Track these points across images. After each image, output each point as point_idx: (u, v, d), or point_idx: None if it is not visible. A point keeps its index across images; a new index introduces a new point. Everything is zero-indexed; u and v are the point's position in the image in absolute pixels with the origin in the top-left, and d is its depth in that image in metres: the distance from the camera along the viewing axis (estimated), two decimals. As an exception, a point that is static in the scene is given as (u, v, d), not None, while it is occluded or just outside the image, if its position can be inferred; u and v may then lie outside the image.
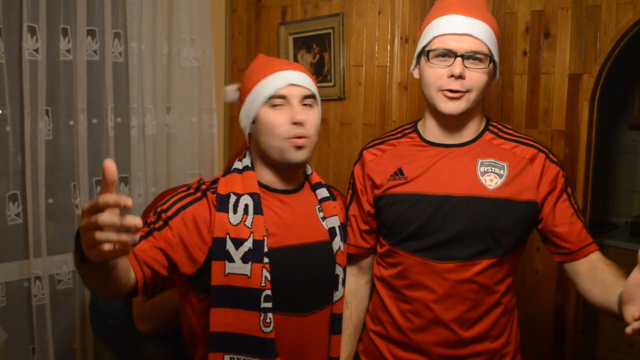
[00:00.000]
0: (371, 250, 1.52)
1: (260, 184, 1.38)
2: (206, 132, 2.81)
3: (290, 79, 1.32)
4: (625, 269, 1.26)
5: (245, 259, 1.27)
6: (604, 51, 2.07)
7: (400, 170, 1.40)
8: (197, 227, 1.29)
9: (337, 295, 1.43)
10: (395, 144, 1.46)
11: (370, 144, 1.52)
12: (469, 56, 1.29)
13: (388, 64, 2.32)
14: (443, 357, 1.36)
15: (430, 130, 1.42)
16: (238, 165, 1.40)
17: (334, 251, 1.42)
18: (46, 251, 2.29)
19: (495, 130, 1.42)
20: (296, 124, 1.30)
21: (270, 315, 1.28)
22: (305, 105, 1.34)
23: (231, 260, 1.27)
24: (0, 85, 2.16)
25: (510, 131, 1.43)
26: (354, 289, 1.53)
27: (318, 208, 1.44)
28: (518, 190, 1.33)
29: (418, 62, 1.40)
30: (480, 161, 1.36)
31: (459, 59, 1.29)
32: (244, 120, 1.39)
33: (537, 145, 1.39)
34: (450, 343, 1.35)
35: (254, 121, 1.36)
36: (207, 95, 2.79)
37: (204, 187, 1.35)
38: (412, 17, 2.32)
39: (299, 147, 1.31)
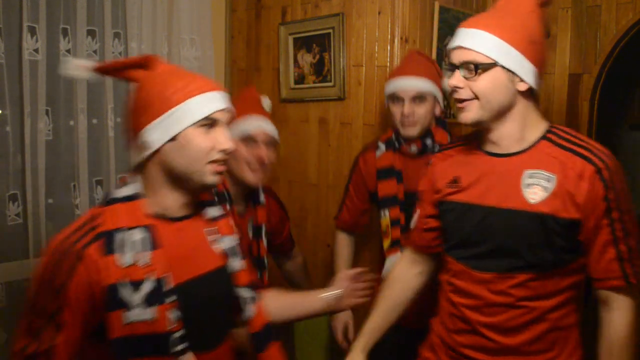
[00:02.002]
0: (425, 249, 1.58)
1: (155, 214, 1.22)
2: (206, 132, 2.81)
3: (223, 102, 1.23)
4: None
5: (144, 302, 1.13)
6: (604, 51, 2.07)
7: (456, 177, 1.44)
8: (87, 299, 1.13)
9: (246, 316, 1.33)
10: (459, 151, 1.49)
11: (442, 147, 1.60)
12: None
13: (388, 64, 2.32)
14: None
15: (484, 139, 1.43)
16: (121, 192, 1.20)
17: (232, 274, 1.32)
18: (46, 251, 2.29)
19: (554, 138, 1.34)
20: (222, 151, 1.21)
21: (184, 358, 1.16)
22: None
23: (128, 307, 1.13)
24: (0, 85, 2.16)
25: (570, 137, 1.34)
26: (398, 274, 1.62)
27: (206, 231, 1.31)
28: (561, 207, 1.27)
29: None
30: (526, 172, 1.32)
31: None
32: (154, 135, 1.17)
33: (591, 157, 1.28)
34: (488, 349, 1.38)
35: (174, 139, 1.18)
36: (207, 95, 2.79)
37: (78, 245, 1.14)
38: (412, 17, 2.32)
39: (218, 173, 1.23)
